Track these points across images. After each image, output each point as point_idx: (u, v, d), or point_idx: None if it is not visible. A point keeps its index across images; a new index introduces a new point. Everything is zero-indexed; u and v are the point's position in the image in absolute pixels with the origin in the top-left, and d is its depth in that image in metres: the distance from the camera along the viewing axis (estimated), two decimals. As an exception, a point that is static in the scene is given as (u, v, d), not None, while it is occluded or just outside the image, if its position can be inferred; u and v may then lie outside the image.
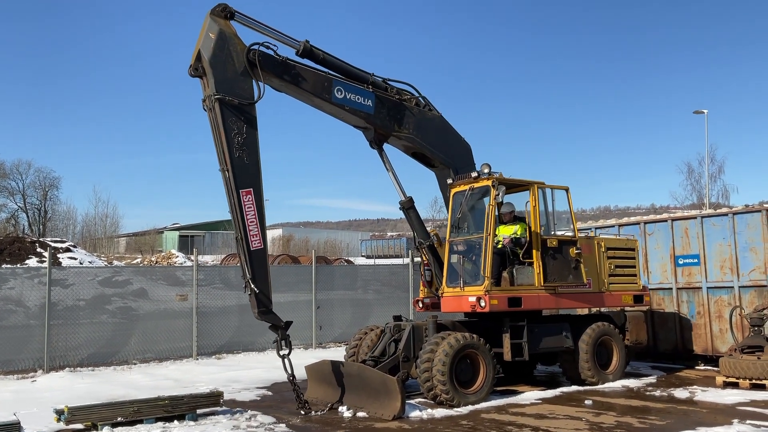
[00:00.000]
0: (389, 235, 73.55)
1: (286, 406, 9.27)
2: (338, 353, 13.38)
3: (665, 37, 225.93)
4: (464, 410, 8.85)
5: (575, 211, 11.07)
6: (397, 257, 51.56)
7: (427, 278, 10.96)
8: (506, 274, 10.03)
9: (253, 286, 8.58)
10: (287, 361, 8.74)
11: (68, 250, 26.32)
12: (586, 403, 9.29)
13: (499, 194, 9.80)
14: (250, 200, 8.69)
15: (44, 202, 54.99)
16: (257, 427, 8.06)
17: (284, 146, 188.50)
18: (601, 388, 10.47)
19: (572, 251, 10.56)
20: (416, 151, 10.81)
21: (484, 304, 9.53)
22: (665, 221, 13.49)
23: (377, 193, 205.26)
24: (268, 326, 8.99)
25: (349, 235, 78.91)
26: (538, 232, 10.28)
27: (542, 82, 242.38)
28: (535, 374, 12.03)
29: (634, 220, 14.73)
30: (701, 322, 12.66)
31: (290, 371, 8.75)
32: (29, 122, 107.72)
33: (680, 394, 9.87)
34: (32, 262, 23.13)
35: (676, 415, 8.47)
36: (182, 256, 35.44)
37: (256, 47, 9.02)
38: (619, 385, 10.69)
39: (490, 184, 9.94)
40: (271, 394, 10.49)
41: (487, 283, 9.59)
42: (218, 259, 37.84)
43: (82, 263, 24.08)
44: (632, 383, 10.82)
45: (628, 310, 12.03)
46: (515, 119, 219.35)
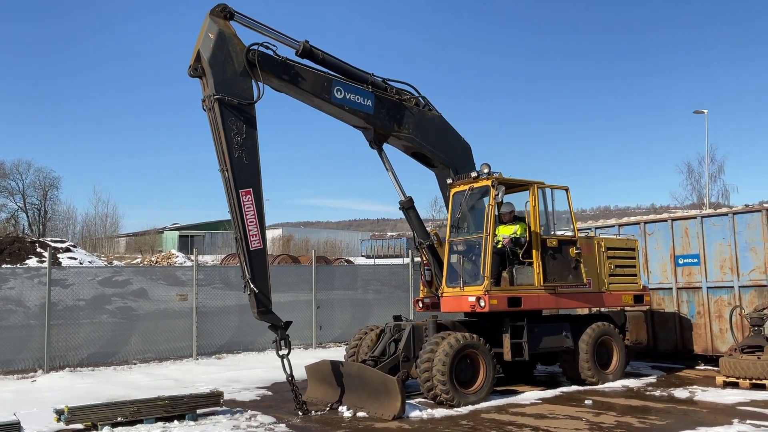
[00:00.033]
0: (389, 235, 73.52)
1: (286, 406, 9.26)
2: (338, 353, 13.39)
3: (665, 37, 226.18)
4: (464, 410, 8.85)
5: (575, 211, 11.07)
6: (397, 257, 51.57)
7: (427, 278, 10.96)
8: (506, 274, 10.03)
9: (252, 286, 8.58)
10: (286, 361, 8.74)
11: (68, 250, 26.33)
12: (586, 402, 9.29)
13: (498, 194, 9.80)
14: (249, 200, 8.69)
15: (44, 202, 55.09)
16: (257, 427, 8.06)
17: (284, 146, 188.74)
18: (601, 387, 10.47)
19: (572, 251, 10.56)
20: (416, 151, 10.81)
21: (483, 304, 9.53)
22: (665, 221, 13.49)
23: (377, 193, 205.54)
24: (267, 326, 9.00)
25: (349, 235, 78.90)
26: (537, 232, 10.28)
27: (542, 82, 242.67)
28: (535, 374, 12.03)
29: (634, 219, 14.73)
30: (701, 321, 12.66)
31: (289, 371, 8.75)
32: (29, 122, 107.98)
33: (680, 393, 9.87)
34: (32, 262, 23.15)
35: (676, 414, 8.47)
36: (182, 256, 35.46)
37: (255, 47, 9.02)
38: (619, 384, 10.69)
39: (489, 183, 9.94)
40: (271, 394, 10.50)
41: (486, 283, 9.59)
42: (218, 259, 37.85)
43: (82, 263, 24.09)
44: (632, 383, 10.82)
45: (628, 309, 12.03)
46: (515, 119, 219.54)
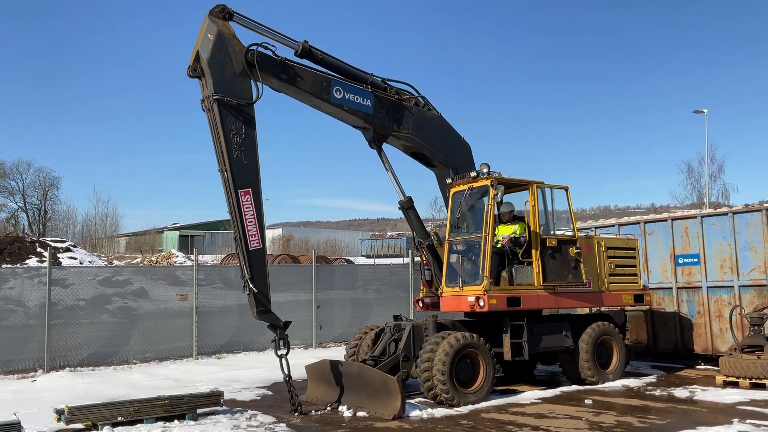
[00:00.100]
0: (389, 234, 73.49)
1: (286, 405, 9.23)
2: (338, 353, 13.39)
3: (665, 37, 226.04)
4: (464, 410, 8.85)
5: (575, 210, 11.08)
6: (397, 257, 51.60)
7: (426, 278, 10.95)
8: (505, 273, 10.03)
9: (251, 285, 8.57)
10: (285, 361, 8.72)
11: (68, 249, 26.35)
12: (586, 402, 9.29)
13: (497, 194, 9.80)
14: (248, 200, 8.69)
15: (44, 202, 55.14)
16: (257, 426, 8.06)
17: (283, 146, 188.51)
18: (601, 387, 10.47)
19: (572, 251, 10.56)
20: (416, 150, 10.80)
21: (483, 303, 9.53)
22: (665, 221, 13.49)
23: (377, 192, 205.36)
24: (267, 325, 8.99)
25: (349, 234, 78.91)
26: (537, 231, 10.28)
27: (542, 82, 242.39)
28: (535, 374, 12.03)
29: (634, 219, 14.72)
30: (701, 321, 12.66)
31: (287, 371, 8.73)
32: (29, 122, 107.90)
33: (680, 393, 9.87)
34: (32, 261, 23.16)
35: (676, 414, 8.47)
36: (182, 255, 35.49)
37: (254, 48, 9.01)
38: (619, 384, 10.70)
39: (488, 183, 9.94)
40: (271, 393, 10.50)
41: (486, 282, 9.59)
42: (218, 258, 37.88)
43: (82, 263, 24.11)
44: (632, 383, 10.82)
45: (628, 309, 12.04)
46: (515, 119, 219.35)
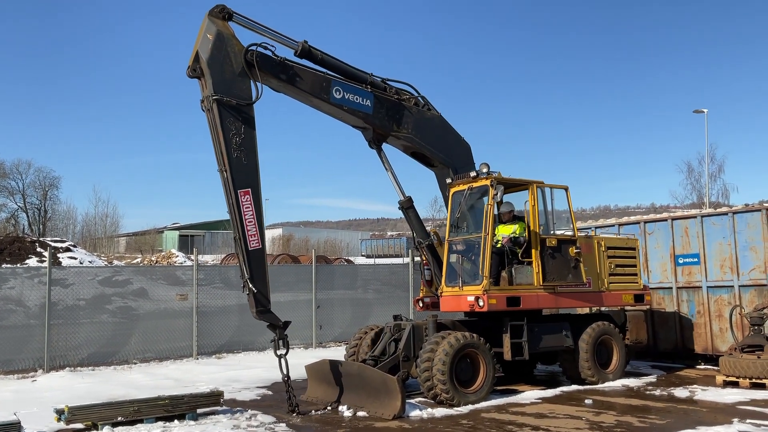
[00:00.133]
0: (389, 234, 73.47)
1: (286, 405, 9.23)
2: (338, 353, 13.39)
3: (665, 37, 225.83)
4: (464, 409, 8.85)
5: (575, 210, 11.07)
6: (397, 257, 51.60)
7: (426, 278, 10.95)
8: (505, 273, 10.03)
9: (251, 285, 8.57)
10: (284, 361, 8.72)
11: (68, 249, 26.36)
12: (586, 402, 9.29)
13: (497, 194, 9.80)
14: (248, 200, 8.69)
15: (44, 201, 55.17)
16: (257, 426, 8.06)
17: (283, 146, 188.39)
18: (601, 387, 10.47)
19: (572, 250, 10.55)
20: (415, 150, 10.80)
21: (482, 303, 9.52)
22: (665, 220, 13.49)
23: (377, 192, 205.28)
24: (267, 325, 8.99)
25: (349, 234, 78.90)
26: (537, 231, 10.28)
27: (542, 82, 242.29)
28: (535, 373, 12.03)
29: (634, 219, 14.72)
30: (701, 321, 12.66)
31: (286, 372, 8.72)
32: (29, 122, 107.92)
33: (680, 393, 9.87)
34: (32, 261, 23.17)
35: (676, 414, 8.47)
36: (182, 255, 35.50)
37: (254, 48, 9.00)
38: (619, 384, 10.69)
39: (488, 183, 9.94)
40: (271, 393, 10.49)
41: (485, 282, 9.59)
42: (218, 258, 37.88)
43: (82, 263, 24.11)
44: (632, 382, 10.82)
45: (628, 309, 12.03)
46: (515, 119, 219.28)
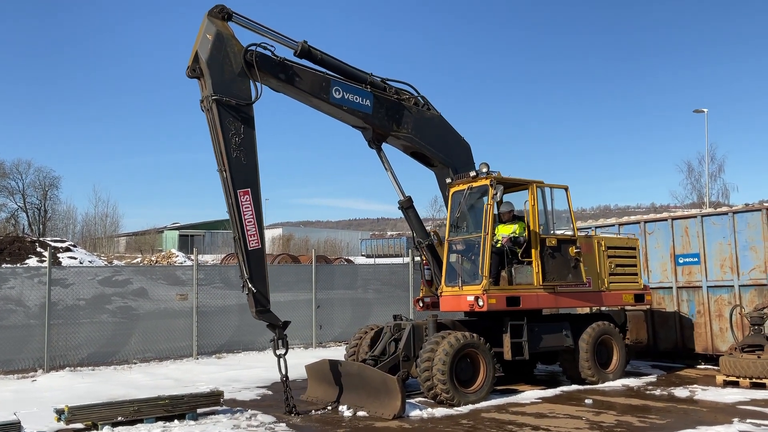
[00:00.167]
0: (389, 234, 73.49)
1: (284, 406, 9.26)
2: (338, 352, 13.39)
3: (665, 37, 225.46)
4: (464, 409, 8.85)
5: (575, 210, 11.07)
6: (397, 256, 51.61)
7: (426, 277, 10.95)
8: (505, 273, 10.03)
9: (250, 285, 8.57)
10: (283, 361, 8.70)
11: (68, 249, 26.35)
12: (586, 402, 9.29)
13: (497, 193, 9.80)
14: (247, 200, 8.68)
15: (44, 201, 55.21)
16: (257, 426, 8.06)
17: (283, 146, 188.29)
18: (601, 387, 10.46)
19: (572, 250, 10.55)
20: (415, 150, 10.79)
21: (482, 303, 9.52)
22: (665, 220, 13.49)
23: (377, 192, 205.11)
24: (266, 325, 8.98)
25: (349, 234, 78.91)
26: (537, 231, 10.28)
27: (542, 82, 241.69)
28: (535, 373, 12.02)
29: (634, 219, 14.72)
30: (701, 321, 12.66)
31: (284, 372, 8.70)
32: (29, 122, 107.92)
33: (680, 393, 9.87)
34: (32, 261, 23.17)
35: (676, 414, 8.47)
36: (182, 255, 35.50)
37: (253, 48, 9.00)
38: (619, 384, 10.69)
39: (488, 183, 9.93)
40: (271, 393, 10.49)
41: (485, 282, 9.59)
42: (218, 258, 37.90)
43: (82, 263, 24.11)
44: (632, 382, 10.82)
45: (628, 309, 12.03)
46: (515, 119, 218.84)
